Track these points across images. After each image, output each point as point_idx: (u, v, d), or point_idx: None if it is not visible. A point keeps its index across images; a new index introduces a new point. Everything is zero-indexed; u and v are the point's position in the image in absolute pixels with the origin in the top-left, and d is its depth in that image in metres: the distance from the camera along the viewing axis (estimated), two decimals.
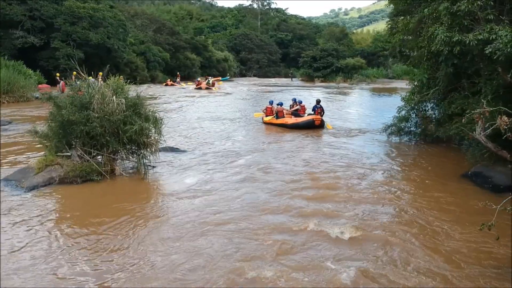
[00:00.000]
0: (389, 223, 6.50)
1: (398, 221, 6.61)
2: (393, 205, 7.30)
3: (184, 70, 50.18)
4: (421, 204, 7.27)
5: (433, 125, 11.94)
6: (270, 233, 6.05)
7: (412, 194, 8.00)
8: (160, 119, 9.40)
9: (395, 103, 24.25)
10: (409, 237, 5.94)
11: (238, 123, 16.96)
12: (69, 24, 34.41)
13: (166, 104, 22.67)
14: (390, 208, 7.17)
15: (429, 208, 7.07)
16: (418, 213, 6.89)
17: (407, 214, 6.88)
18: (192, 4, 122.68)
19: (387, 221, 6.57)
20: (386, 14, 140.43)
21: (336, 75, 52.66)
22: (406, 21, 11.43)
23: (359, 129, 15.30)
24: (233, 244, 5.69)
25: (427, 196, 7.72)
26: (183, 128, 15.14)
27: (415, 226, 6.34)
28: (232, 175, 9.27)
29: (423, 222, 6.49)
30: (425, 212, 6.90)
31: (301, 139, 13.80)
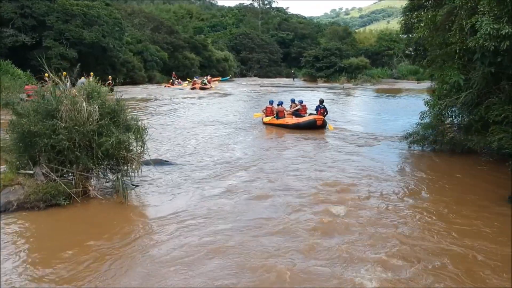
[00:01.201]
0: (423, 270, 4.92)
1: (436, 270, 5.01)
2: (426, 242, 5.71)
3: (183, 70, 48.61)
4: (460, 241, 5.70)
5: (461, 134, 10.40)
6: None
7: (447, 222, 6.40)
8: (144, 128, 7.86)
9: (406, 105, 23.38)
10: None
11: (238, 127, 15.50)
12: (62, 22, 32.92)
13: (161, 107, 21.14)
14: (423, 246, 5.59)
15: (469, 244, 5.51)
16: (459, 260, 5.29)
17: (448, 264, 5.22)
18: (192, 3, 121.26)
19: (422, 269, 4.98)
20: (388, 13, 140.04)
21: (340, 75, 51.03)
22: (433, 13, 9.84)
23: (374, 135, 13.74)
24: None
25: (464, 227, 6.18)
26: (176, 135, 13.59)
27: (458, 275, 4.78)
28: (230, 193, 7.79)
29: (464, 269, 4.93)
30: (465, 253, 5.34)
31: (307, 146, 12.40)
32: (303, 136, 14.00)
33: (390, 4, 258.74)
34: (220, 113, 19.26)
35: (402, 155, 11.03)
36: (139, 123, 7.89)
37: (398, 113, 19.54)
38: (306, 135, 14.09)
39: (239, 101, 26.01)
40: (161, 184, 8.29)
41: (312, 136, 14.12)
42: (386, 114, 19.39)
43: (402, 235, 5.88)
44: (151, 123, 15.45)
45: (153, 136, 12.50)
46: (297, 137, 13.93)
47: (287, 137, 14.15)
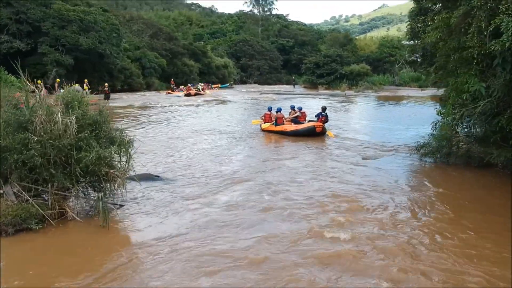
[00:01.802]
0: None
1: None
2: (442, 266, 4.92)
3: (181, 76, 47.91)
4: (479, 267, 4.90)
5: (477, 146, 9.60)
6: None
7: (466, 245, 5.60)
8: (129, 141, 7.07)
9: (412, 114, 22.59)
10: None
11: (235, 136, 14.72)
12: (58, 28, 32.23)
13: (156, 115, 20.34)
14: (438, 268, 4.79)
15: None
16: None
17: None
18: (192, 10, 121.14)
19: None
20: (387, 21, 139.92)
21: (341, 82, 50.44)
22: (447, 15, 9.06)
23: (381, 145, 12.93)
24: None
25: (485, 251, 5.41)
26: (170, 146, 12.76)
27: None
28: (227, 211, 7.05)
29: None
30: None
31: (309, 155, 11.70)
32: (304, 144, 13.33)
33: (390, 12, 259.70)
34: (217, 121, 18.49)
35: (414, 168, 10.23)
36: (124, 136, 7.10)
37: (404, 121, 18.76)
38: (307, 144, 13.43)
39: (237, 108, 25.27)
40: (149, 202, 7.46)
41: (313, 144, 13.42)
42: (391, 122, 18.58)
43: (415, 257, 5.09)
44: (144, 132, 14.79)
45: (144, 147, 11.77)
46: (298, 145, 13.26)
47: (287, 145, 13.45)
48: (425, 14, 16.65)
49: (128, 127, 15.87)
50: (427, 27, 16.44)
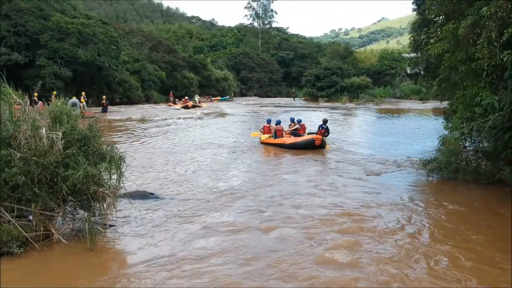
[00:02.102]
0: None
1: None
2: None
3: (181, 89, 47.67)
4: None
5: (486, 162, 9.19)
6: None
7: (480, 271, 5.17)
8: (121, 158, 6.67)
9: (415, 127, 22.20)
10: None
11: (234, 150, 14.33)
12: (56, 41, 32.00)
13: (154, 129, 19.94)
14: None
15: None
16: None
17: None
18: (192, 23, 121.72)
19: None
20: (387, 34, 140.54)
21: (341, 94, 50.26)
22: (454, 25, 8.70)
23: (386, 160, 12.52)
24: None
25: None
26: (167, 161, 12.32)
27: None
28: (226, 231, 6.65)
29: None
30: None
31: (310, 169, 11.32)
32: (305, 158, 13.01)
33: (389, 25, 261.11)
34: (216, 134, 18.09)
35: (421, 184, 9.81)
36: (115, 151, 6.70)
37: (408, 135, 18.37)
38: (308, 157, 13.12)
39: (236, 121, 24.90)
40: (142, 222, 7.02)
41: (314, 158, 13.09)
42: (394, 136, 18.19)
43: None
44: (140, 146, 14.39)
45: (139, 162, 11.39)
46: (298, 159, 12.95)
47: (287, 159, 13.11)
48: (428, 26, 16.40)
49: (124, 141, 15.50)
50: (430, 39, 16.27)
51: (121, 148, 13.68)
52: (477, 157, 9.39)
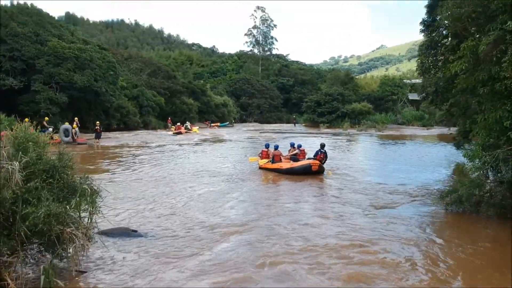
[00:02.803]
0: None
1: None
2: None
3: (180, 115, 46.96)
4: None
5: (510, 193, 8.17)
6: None
7: None
8: (96, 191, 5.70)
9: (423, 154, 21.15)
10: None
11: (231, 178, 13.32)
12: (53, 66, 31.40)
13: (147, 156, 18.93)
14: None
15: None
16: None
17: None
18: (193, 50, 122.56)
19: None
20: (386, 61, 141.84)
21: (342, 120, 49.58)
22: (473, 43, 7.83)
23: (395, 189, 11.49)
24: None
25: None
26: (156, 191, 11.26)
27: None
28: (218, 274, 5.67)
29: None
30: None
31: (313, 199, 10.33)
32: (306, 185, 12.24)
33: (388, 52, 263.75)
34: (212, 161, 17.11)
35: (437, 217, 8.79)
36: (88, 184, 5.74)
37: (415, 162, 17.36)
38: (310, 184, 12.38)
39: (235, 147, 23.94)
40: (121, 267, 5.98)
41: (316, 185, 12.28)
42: (402, 163, 17.14)
43: None
44: (129, 175, 13.37)
45: (125, 194, 10.41)
46: (299, 186, 12.15)
47: (287, 186, 12.24)
48: (436, 48, 15.65)
49: (113, 169, 14.53)
50: (438, 62, 15.48)
51: (107, 177, 12.73)
52: (503, 189, 8.37)
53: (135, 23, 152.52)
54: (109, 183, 11.91)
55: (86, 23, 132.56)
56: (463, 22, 8.31)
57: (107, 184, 11.71)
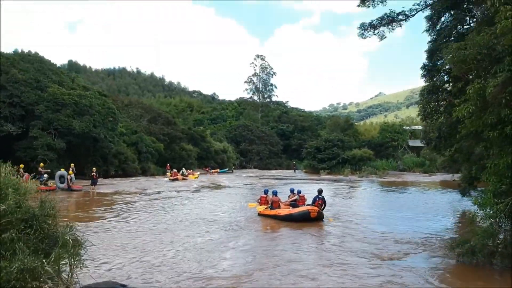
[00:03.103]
0: None
1: None
2: None
3: (179, 161, 46.56)
4: None
5: None
6: None
7: None
8: (79, 243, 5.19)
9: (425, 201, 20.48)
10: None
11: (228, 227, 12.69)
12: (52, 112, 31.33)
13: (142, 203, 18.32)
14: None
15: None
16: None
17: None
18: (194, 97, 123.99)
19: None
20: (384, 108, 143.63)
21: (343, 166, 49.15)
22: (479, 85, 7.54)
23: (401, 238, 10.89)
24: None
25: None
26: (148, 241, 10.60)
27: None
28: None
29: None
30: None
31: (316, 249, 9.68)
32: (308, 233, 11.71)
33: (386, 99, 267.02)
34: (210, 209, 16.49)
35: (449, 269, 8.18)
36: (70, 234, 5.24)
37: (420, 210, 16.73)
38: (311, 232, 11.85)
39: (233, 194, 23.32)
40: None
41: (318, 233, 11.80)
42: (406, 211, 16.52)
43: None
44: (121, 224, 12.76)
45: (116, 244, 9.83)
46: (299, 234, 11.62)
47: (286, 235, 11.76)
48: (437, 93, 15.49)
49: (106, 217, 13.96)
50: (440, 107, 15.26)
51: (98, 225, 12.16)
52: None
53: (137, 71, 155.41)
54: (100, 231, 11.36)
55: (88, 71, 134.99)
56: (468, 65, 8.05)
57: (97, 232, 11.16)
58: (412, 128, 63.87)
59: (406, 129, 59.86)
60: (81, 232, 5.94)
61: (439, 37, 14.33)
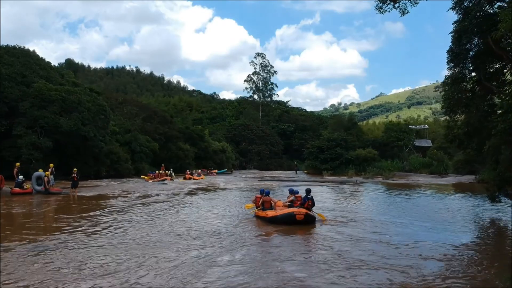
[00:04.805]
0: None
1: None
2: None
3: (175, 161, 44.57)
4: None
5: None
6: None
7: None
8: None
9: (444, 207, 17.77)
10: None
11: (221, 237, 10.60)
12: (37, 108, 29.35)
13: (126, 210, 16.29)
14: None
15: None
16: None
17: None
18: (193, 96, 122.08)
19: None
20: (386, 108, 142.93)
21: (346, 167, 47.15)
22: None
23: (429, 255, 8.77)
24: None
25: None
26: (124, 259, 8.53)
27: None
28: None
29: None
30: None
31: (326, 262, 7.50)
32: (310, 240, 9.77)
33: (387, 100, 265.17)
34: (200, 216, 14.33)
35: None
36: None
37: (443, 219, 14.47)
38: (318, 239, 10.23)
39: (230, 198, 21.17)
40: None
41: (325, 244, 9.63)
42: (428, 219, 14.16)
43: None
44: (96, 239, 10.54)
45: (87, 264, 7.80)
46: (303, 244, 9.87)
47: (288, 246, 9.66)
48: (462, 82, 13.47)
49: (80, 228, 11.83)
50: (470, 99, 13.20)
51: (64, 240, 10.08)
52: None
53: (136, 70, 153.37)
54: (62, 247, 9.28)
55: (86, 70, 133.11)
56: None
57: (59, 248, 9.09)
58: (417, 128, 61.90)
59: (412, 128, 57.88)
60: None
61: (467, 16, 12.25)
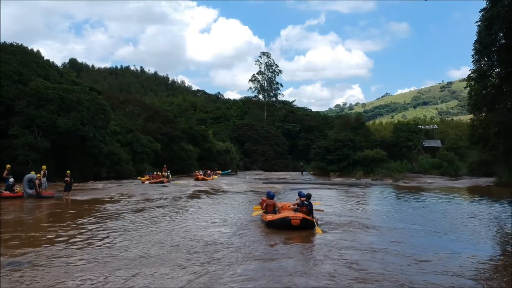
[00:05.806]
0: None
1: None
2: None
3: (178, 162, 43.44)
4: None
5: None
6: None
7: None
8: None
9: (464, 214, 16.06)
10: None
11: (219, 255, 9.25)
12: (34, 108, 28.24)
13: (122, 216, 15.11)
14: None
15: None
16: None
17: None
18: (198, 96, 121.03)
19: None
20: (391, 108, 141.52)
21: (354, 168, 45.78)
22: None
23: (458, 271, 7.49)
24: None
25: None
26: (110, 280, 7.33)
27: None
28: None
29: None
30: None
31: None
32: (327, 255, 8.25)
33: (393, 100, 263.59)
34: (199, 224, 13.11)
35: None
36: None
37: (469, 229, 13.21)
38: (324, 258, 8.44)
39: (234, 202, 19.96)
40: None
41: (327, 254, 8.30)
42: (445, 229, 12.98)
43: None
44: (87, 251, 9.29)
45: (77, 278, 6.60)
46: (313, 258, 8.44)
47: (299, 258, 8.51)
48: (488, 78, 12.17)
49: (70, 236, 10.63)
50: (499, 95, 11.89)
51: (50, 253, 8.88)
52: None
53: (140, 70, 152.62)
54: (42, 263, 8.06)
55: (90, 70, 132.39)
56: None
57: (39, 268, 7.86)
58: (427, 128, 60.44)
59: (421, 128, 56.45)
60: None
61: (499, 2, 10.93)
